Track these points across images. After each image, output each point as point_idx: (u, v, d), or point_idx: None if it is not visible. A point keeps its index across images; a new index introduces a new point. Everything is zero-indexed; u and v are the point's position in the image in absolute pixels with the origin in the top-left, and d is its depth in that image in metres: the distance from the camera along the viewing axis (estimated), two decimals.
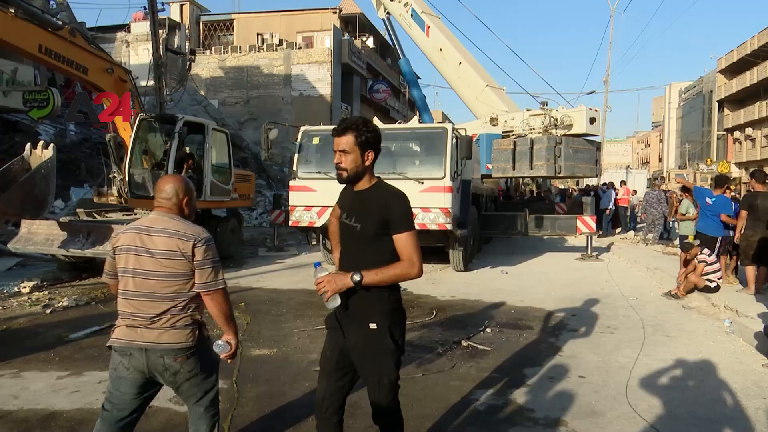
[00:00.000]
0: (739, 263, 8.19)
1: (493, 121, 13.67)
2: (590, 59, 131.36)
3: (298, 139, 9.95)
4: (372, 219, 2.48)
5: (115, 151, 10.14)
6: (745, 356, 5.17)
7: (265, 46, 31.17)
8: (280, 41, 31.26)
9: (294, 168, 9.81)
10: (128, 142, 9.90)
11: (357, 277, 2.40)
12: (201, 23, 34.29)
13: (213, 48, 32.09)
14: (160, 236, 2.55)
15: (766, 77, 36.98)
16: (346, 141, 2.52)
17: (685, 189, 11.26)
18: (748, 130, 41.20)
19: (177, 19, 30.86)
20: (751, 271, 7.47)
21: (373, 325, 2.50)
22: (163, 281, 2.55)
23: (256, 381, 4.42)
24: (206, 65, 30.59)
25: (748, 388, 4.31)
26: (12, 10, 7.66)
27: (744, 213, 7.57)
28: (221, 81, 30.79)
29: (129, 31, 28.41)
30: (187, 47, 28.06)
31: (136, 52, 27.04)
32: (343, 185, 2.72)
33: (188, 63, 18.69)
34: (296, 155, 9.84)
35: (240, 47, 31.19)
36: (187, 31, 31.47)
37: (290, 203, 9.75)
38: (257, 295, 7.85)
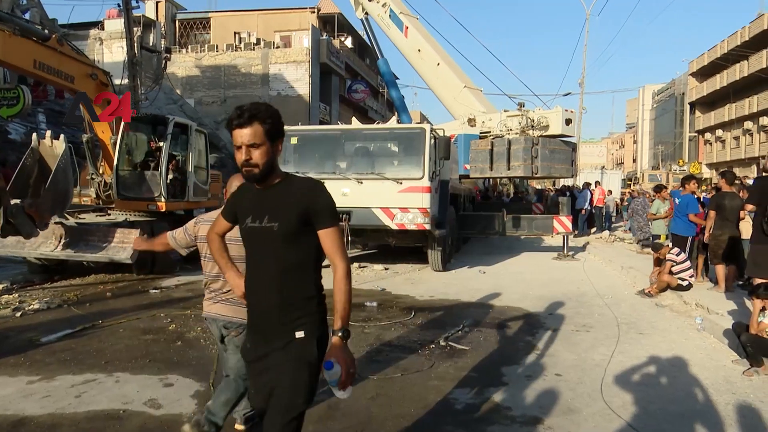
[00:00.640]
0: (709, 262, 8.38)
1: (471, 121, 13.77)
2: (566, 61, 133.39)
3: None
4: (292, 214, 2.14)
5: (91, 152, 9.99)
6: (716, 353, 5.29)
7: (242, 45, 30.88)
8: (258, 40, 31.01)
9: None
10: (108, 143, 9.75)
11: (344, 333, 2.12)
12: (177, 21, 33.82)
13: (189, 46, 31.67)
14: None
15: (735, 80, 37.93)
16: (254, 132, 2.11)
17: (657, 189, 11.49)
18: (718, 132, 42.21)
19: (152, 16, 30.37)
20: (721, 270, 7.65)
21: (299, 334, 2.17)
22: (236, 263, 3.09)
23: None
24: (182, 64, 30.18)
25: (719, 384, 4.41)
26: (8, 31, 7.56)
27: (713, 213, 7.75)
28: (198, 80, 30.42)
29: (102, 29, 27.88)
30: (162, 45, 27.66)
31: (110, 50, 26.54)
32: (245, 187, 2.37)
33: (164, 61, 18.43)
34: None
35: (217, 46, 30.85)
36: (163, 29, 31.00)
37: None
38: None
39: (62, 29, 24.50)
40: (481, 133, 13.51)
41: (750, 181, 12.12)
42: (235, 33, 32.54)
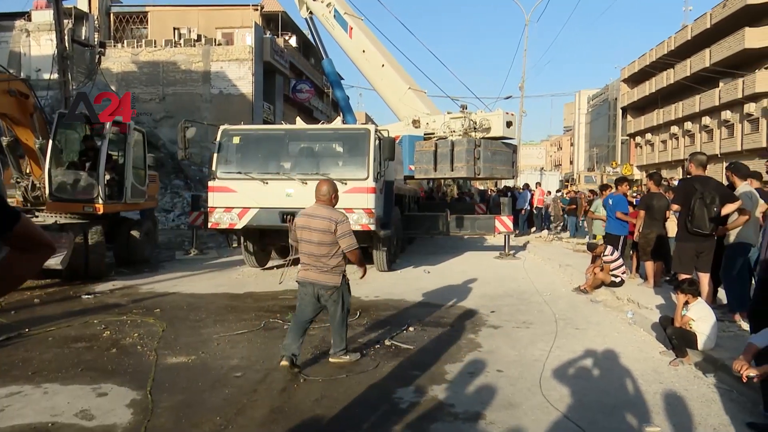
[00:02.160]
0: (639, 259, 8.83)
1: (416, 123, 13.90)
2: (507, 65, 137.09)
3: (218, 139, 9.66)
4: None
5: (13, 154, 9.45)
6: (646, 345, 5.58)
7: (182, 42, 29.91)
8: (199, 37, 30.14)
9: (213, 168, 9.51)
10: (34, 147, 9.25)
11: None
12: (111, 14, 32.40)
13: (125, 41, 30.41)
14: (317, 219, 4.59)
15: (663, 87, 40.14)
16: None
17: (603, 188, 11.90)
18: (648, 136, 44.54)
19: (84, 8, 28.94)
20: (650, 266, 8.08)
21: None
22: (319, 246, 4.59)
23: (172, 390, 4.24)
24: (117, 59, 28.93)
25: (648, 375, 4.65)
26: None
27: (642, 212, 8.17)
28: (135, 76, 29.24)
29: (29, 20, 26.32)
30: (96, 39, 26.42)
31: (38, 43, 25.08)
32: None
33: (98, 56, 17.59)
34: (215, 155, 9.55)
35: (155, 41, 29.75)
36: (96, 22, 29.62)
37: (209, 204, 9.43)
38: (174, 301, 7.52)
39: None
40: (425, 134, 13.66)
41: (676, 182, 12.84)
42: (174, 28, 31.49)
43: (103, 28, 30.55)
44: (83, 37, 24.87)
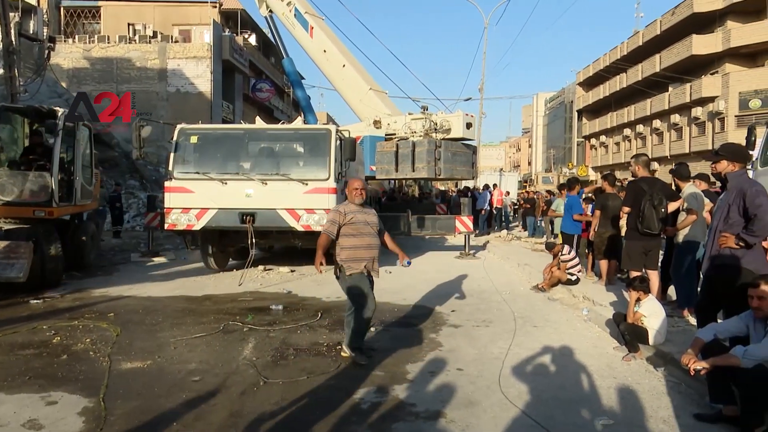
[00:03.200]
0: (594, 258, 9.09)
1: (377, 123, 13.92)
2: (467, 67, 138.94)
3: (175, 138, 9.43)
4: None
5: None
6: (600, 341, 5.75)
7: (137, 38, 29.12)
8: (154, 33, 29.40)
9: (170, 168, 9.27)
10: None
11: None
12: (62, 8, 31.23)
13: (77, 36, 29.36)
14: None
15: (617, 91, 41.45)
16: None
17: (563, 186, 12.15)
18: (602, 138, 45.91)
19: (32, 2, 27.79)
20: (604, 265, 8.33)
21: None
22: None
23: (126, 397, 4.11)
24: (68, 54, 27.91)
25: (602, 370, 4.79)
26: None
27: (598, 212, 8.42)
28: (86, 72, 28.28)
29: None
30: (45, 34, 25.39)
31: None
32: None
33: (46, 51, 16.88)
34: (172, 154, 9.32)
35: (108, 37, 28.86)
36: (45, 16, 28.49)
37: (166, 205, 9.20)
38: (129, 304, 7.31)
39: None
40: (386, 135, 13.70)
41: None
42: (128, 24, 30.61)
43: (52, 23, 29.42)
44: (31, 31, 23.86)
